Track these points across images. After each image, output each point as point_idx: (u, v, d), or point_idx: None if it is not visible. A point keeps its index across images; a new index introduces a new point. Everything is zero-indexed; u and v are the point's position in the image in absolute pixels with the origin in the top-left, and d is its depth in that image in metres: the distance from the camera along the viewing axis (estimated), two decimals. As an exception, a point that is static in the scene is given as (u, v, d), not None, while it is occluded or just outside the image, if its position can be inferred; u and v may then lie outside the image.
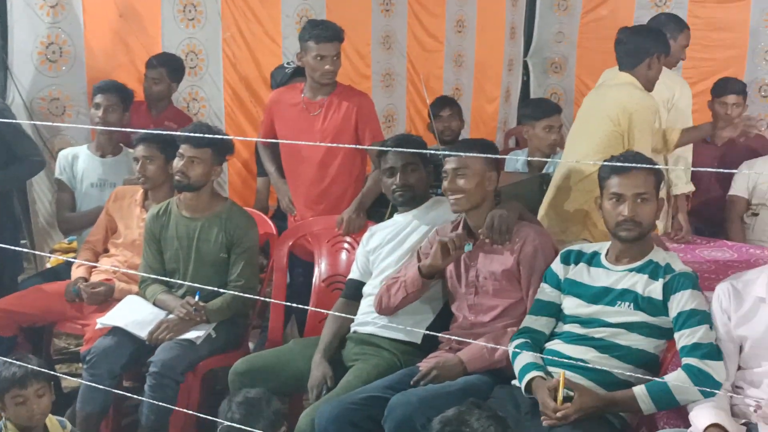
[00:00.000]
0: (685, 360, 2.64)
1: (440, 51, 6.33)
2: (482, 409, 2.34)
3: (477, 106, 6.77)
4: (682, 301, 2.74)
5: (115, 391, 3.30)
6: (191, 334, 3.54)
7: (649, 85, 3.81)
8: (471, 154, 3.10)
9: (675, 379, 2.62)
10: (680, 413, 2.68)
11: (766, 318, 2.59)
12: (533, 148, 4.68)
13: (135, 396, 2.42)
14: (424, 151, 3.30)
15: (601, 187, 2.93)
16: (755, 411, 2.53)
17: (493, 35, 6.76)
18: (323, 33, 3.95)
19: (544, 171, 4.34)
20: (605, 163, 2.95)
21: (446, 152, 3.20)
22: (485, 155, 3.13)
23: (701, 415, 2.53)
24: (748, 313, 2.63)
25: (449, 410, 2.35)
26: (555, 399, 2.65)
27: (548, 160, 4.41)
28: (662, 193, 3.04)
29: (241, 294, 3.50)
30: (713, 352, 2.63)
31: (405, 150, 3.33)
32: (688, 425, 2.59)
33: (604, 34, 6.54)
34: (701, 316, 2.69)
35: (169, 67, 4.70)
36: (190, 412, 3.21)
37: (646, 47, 3.80)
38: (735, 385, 2.66)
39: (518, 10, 7.00)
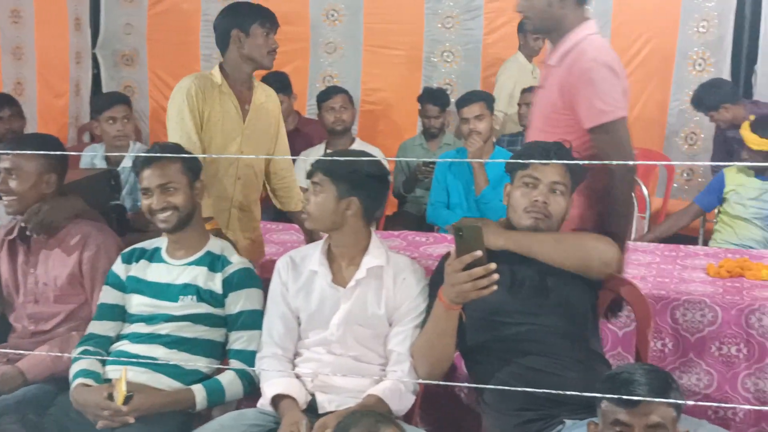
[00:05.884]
0: (238, 363, 2.77)
1: (-5, 44, 5.86)
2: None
3: (45, 101, 6.37)
4: (240, 301, 2.84)
5: None
6: None
7: (261, 62, 3.50)
8: (24, 152, 2.92)
9: (228, 381, 2.76)
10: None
11: (319, 291, 2.73)
12: (105, 141, 4.54)
13: None
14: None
15: None
16: (312, 381, 2.69)
17: (55, 27, 6.39)
18: None
19: (121, 165, 4.22)
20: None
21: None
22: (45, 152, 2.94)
23: (270, 385, 2.66)
24: (303, 285, 2.76)
25: None
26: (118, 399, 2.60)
27: (125, 154, 4.31)
28: None
29: None
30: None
31: None
32: None
33: (172, 26, 6.62)
34: (258, 320, 2.83)
35: None
36: None
37: (229, 24, 3.42)
38: (295, 354, 2.79)
39: (81, 0, 6.71)
